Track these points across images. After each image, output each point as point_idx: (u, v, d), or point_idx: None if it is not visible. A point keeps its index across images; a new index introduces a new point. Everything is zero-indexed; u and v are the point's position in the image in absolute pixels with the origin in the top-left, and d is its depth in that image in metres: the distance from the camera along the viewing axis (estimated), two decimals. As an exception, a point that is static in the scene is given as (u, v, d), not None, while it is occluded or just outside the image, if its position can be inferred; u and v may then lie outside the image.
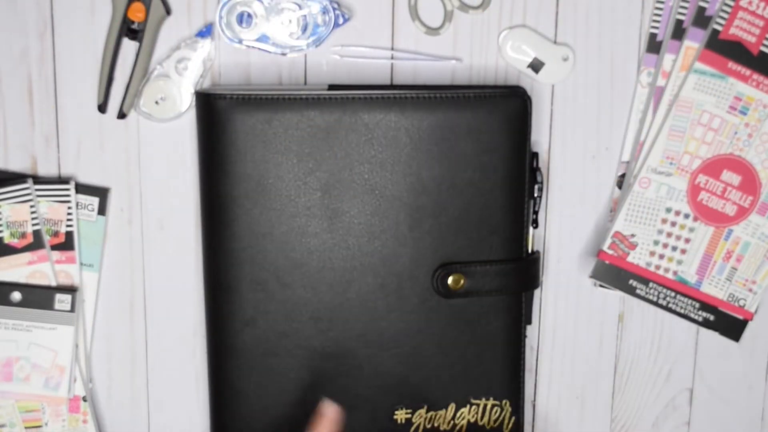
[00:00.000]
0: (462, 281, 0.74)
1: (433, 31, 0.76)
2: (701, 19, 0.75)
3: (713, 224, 0.77)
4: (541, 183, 0.76)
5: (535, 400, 0.82)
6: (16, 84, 0.75)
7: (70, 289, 0.76)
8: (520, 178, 0.74)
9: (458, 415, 0.77)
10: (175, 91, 0.75)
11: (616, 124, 0.78)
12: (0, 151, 0.76)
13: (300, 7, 0.74)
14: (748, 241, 0.77)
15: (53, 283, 0.76)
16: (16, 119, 0.75)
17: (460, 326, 0.75)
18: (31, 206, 0.75)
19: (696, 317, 0.78)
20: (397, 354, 0.75)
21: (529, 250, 0.77)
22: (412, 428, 0.76)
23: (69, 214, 0.76)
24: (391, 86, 0.75)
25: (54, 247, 0.76)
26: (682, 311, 0.78)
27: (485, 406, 0.77)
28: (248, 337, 0.74)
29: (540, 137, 0.78)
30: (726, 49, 0.75)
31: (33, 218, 0.75)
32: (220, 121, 0.71)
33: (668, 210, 0.77)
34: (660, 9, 0.76)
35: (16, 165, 0.76)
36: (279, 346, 0.74)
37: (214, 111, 0.71)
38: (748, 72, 0.75)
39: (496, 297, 0.75)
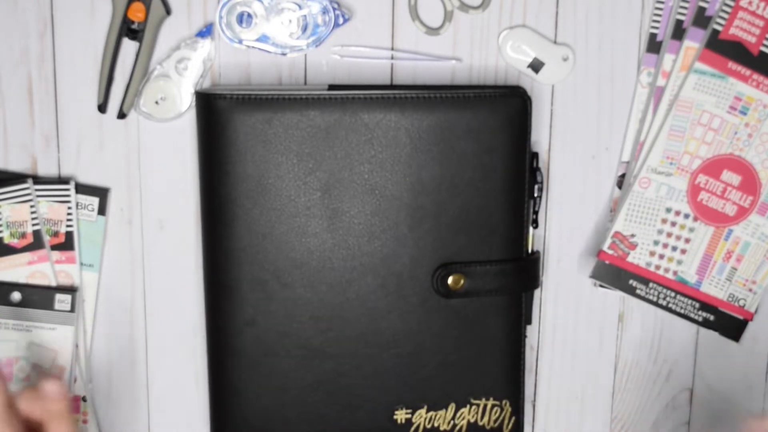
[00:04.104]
0: (462, 281, 0.74)
1: (433, 31, 0.76)
2: (701, 19, 0.75)
3: (713, 224, 0.77)
4: (541, 183, 0.76)
5: (535, 400, 0.82)
6: (16, 84, 0.75)
7: (70, 289, 0.76)
8: (520, 178, 0.74)
9: (458, 415, 0.77)
10: (175, 91, 0.75)
11: (616, 124, 0.78)
12: (0, 151, 0.76)
13: (300, 7, 0.74)
14: (748, 241, 0.77)
15: (53, 283, 0.76)
16: (16, 119, 0.75)
17: (460, 326, 0.75)
18: (31, 206, 0.75)
19: (696, 317, 0.78)
20: (397, 354, 0.75)
21: (529, 250, 0.77)
22: (412, 428, 0.76)
23: (69, 214, 0.76)
24: (391, 86, 0.75)
25: (54, 247, 0.76)
26: (682, 311, 0.78)
27: (485, 406, 0.77)
28: (248, 337, 0.74)
29: (540, 137, 0.78)
30: (726, 49, 0.75)
31: (33, 218, 0.75)
32: (220, 121, 0.71)
33: (668, 210, 0.77)
34: (660, 9, 0.76)
35: (16, 165, 0.76)
36: (279, 346, 0.74)
37: (214, 111, 0.71)
38: (748, 72, 0.75)
39: (496, 297, 0.75)
